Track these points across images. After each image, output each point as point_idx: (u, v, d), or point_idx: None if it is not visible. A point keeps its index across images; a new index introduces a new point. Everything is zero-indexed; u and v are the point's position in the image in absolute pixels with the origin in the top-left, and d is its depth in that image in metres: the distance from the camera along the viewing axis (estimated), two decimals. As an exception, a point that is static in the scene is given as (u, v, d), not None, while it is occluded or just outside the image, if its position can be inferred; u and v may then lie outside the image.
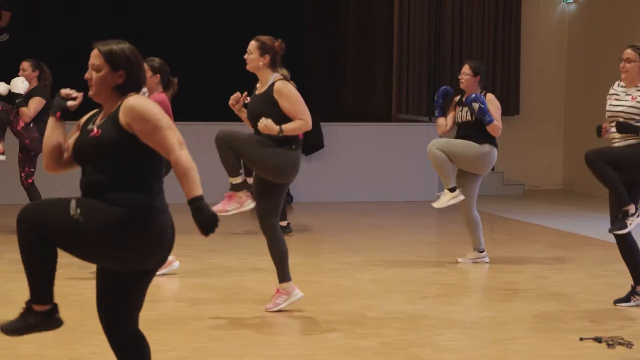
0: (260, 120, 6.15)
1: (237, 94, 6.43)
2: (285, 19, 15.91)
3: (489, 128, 7.91)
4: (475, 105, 7.82)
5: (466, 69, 8.02)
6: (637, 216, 6.54)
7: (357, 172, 12.36)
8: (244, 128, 6.43)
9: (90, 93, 3.88)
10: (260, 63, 6.23)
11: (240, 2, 15.67)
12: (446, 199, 7.98)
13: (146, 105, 3.78)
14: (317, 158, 12.14)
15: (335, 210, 11.54)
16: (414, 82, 13.61)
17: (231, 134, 6.26)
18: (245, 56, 6.29)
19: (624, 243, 6.63)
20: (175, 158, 3.71)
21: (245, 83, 7.29)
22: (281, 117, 6.16)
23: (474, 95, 7.88)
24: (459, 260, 8.24)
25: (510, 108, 13.78)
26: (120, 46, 3.86)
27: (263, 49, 6.23)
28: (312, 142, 11.83)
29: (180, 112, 12.37)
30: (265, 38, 6.28)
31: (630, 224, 6.52)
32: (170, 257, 6.42)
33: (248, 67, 6.32)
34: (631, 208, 6.50)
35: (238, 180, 6.32)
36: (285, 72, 9.25)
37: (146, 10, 14.90)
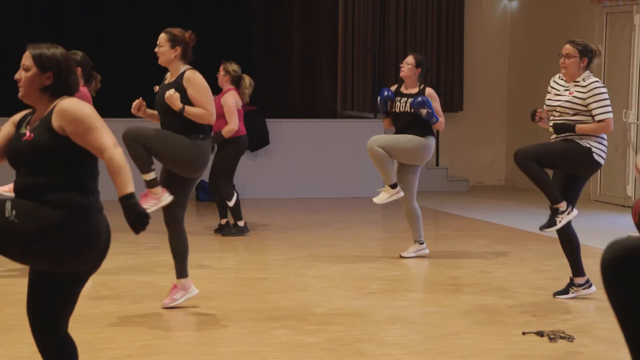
0: (168, 91, 6.15)
1: (138, 101, 6.38)
2: (231, 15, 15.89)
3: (435, 126, 8.05)
4: (423, 112, 7.94)
5: (410, 59, 8.14)
6: (568, 213, 6.64)
7: (302, 169, 12.37)
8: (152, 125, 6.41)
9: (20, 94, 3.86)
10: (172, 55, 6.20)
11: (188, 2, 15.63)
12: (387, 196, 8.08)
13: (80, 107, 3.79)
14: (263, 154, 12.13)
15: (280, 206, 11.54)
16: (358, 79, 13.66)
17: (137, 130, 6.23)
18: (156, 49, 6.24)
19: (564, 235, 6.73)
20: (109, 156, 3.72)
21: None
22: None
23: (420, 99, 7.97)
24: (402, 255, 8.29)
25: (454, 104, 13.91)
26: (51, 50, 3.87)
27: (174, 41, 6.20)
28: (257, 138, 11.82)
29: (126, 108, 12.35)
30: (175, 30, 6.25)
31: (560, 222, 6.63)
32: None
33: (160, 61, 6.28)
34: (561, 205, 6.61)
35: (151, 176, 6.22)
36: (235, 67, 9.24)
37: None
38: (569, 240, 6.74)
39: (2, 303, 6.33)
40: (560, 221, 6.65)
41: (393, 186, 8.05)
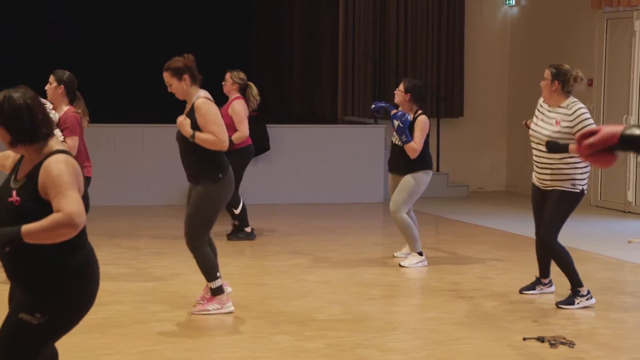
0: (179, 118, 6.20)
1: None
2: (231, 23, 15.91)
3: (405, 147, 8.00)
4: (395, 123, 7.98)
5: (401, 85, 8.17)
6: (587, 299, 6.77)
7: (303, 174, 12.37)
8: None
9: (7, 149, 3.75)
10: (184, 86, 6.20)
11: (187, 7, 15.65)
12: (415, 261, 8.20)
13: (61, 170, 3.59)
14: (264, 160, 12.13)
15: (281, 212, 11.54)
16: (359, 84, 13.67)
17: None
18: (169, 89, 6.26)
19: (557, 255, 6.76)
20: (58, 215, 3.55)
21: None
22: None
23: (400, 113, 8.03)
24: (402, 264, 8.25)
25: (454, 110, 13.92)
26: (2, 98, 3.65)
27: (178, 73, 6.18)
28: (258, 144, 11.83)
29: (125, 114, 12.39)
30: (174, 62, 6.22)
31: (578, 304, 6.74)
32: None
33: (178, 97, 6.31)
34: (583, 290, 6.75)
35: (216, 284, 6.34)
36: (242, 75, 9.27)
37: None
38: (562, 258, 6.76)
39: (3, 309, 6.32)
40: (578, 303, 6.74)
41: (420, 253, 8.24)
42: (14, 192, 3.64)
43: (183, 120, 6.19)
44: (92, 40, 14.95)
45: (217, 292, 6.37)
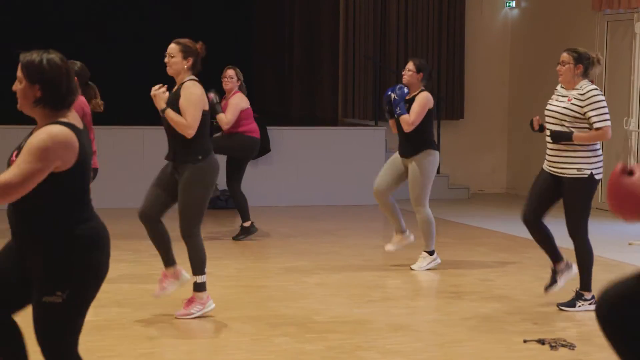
0: (155, 87, 6.16)
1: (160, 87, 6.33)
2: (232, 24, 15.91)
3: (400, 120, 7.93)
4: (392, 96, 7.90)
5: (410, 65, 8.07)
6: (590, 304, 6.70)
7: (304, 176, 12.38)
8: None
9: (18, 105, 3.70)
10: (184, 66, 6.13)
11: (188, 8, 15.65)
12: (425, 263, 8.19)
13: (41, 141, 3.53)
14: (264, 162, 12.13)
15: (282, 214, 11.54)
16: (359, 87, 13.67)
17: (153, 222, 6.49)
18: (166, 60, 6.17)
19: (582, 248, 6.75)
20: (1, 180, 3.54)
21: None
22: None
23: (397, 86, 7.98)
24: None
25: (454, 112, 13.92)
26: (40, 57, 3.62)
27: (186, 52, 6.13)
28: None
29: (126, 116, 12.38)
30: (186, 41, 6.19)
31: (579, 307, 6.74)
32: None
33: (170, 72, 6.21)
34: (588, 294, 6.77)
35: (201, 279, 6.32)
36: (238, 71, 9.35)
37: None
38: (585, 254, 6.75)
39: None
40: (580, 306, 6.73)
41: (431, 252, 8.22)
42: (15, 152, 3.67)
43: (160, 93, 6.14)
44: (91, 40, 14.94)
45: (200, 288, 6.33)
